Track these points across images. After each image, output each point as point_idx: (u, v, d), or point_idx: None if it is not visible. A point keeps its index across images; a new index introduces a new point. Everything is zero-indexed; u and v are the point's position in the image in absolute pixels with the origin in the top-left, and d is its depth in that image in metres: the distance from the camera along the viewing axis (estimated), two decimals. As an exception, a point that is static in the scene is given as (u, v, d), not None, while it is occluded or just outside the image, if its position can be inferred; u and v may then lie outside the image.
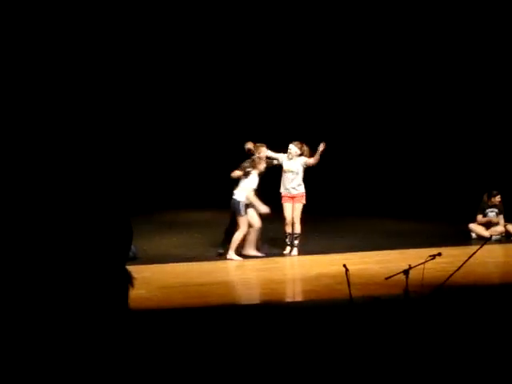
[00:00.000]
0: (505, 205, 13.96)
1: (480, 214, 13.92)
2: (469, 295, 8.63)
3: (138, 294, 5.18)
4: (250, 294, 8.65)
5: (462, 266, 8.41)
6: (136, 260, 10.80)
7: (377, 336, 6.58)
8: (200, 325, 7.01)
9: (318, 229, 13.99)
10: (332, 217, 15.79)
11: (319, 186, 17.36)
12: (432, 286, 8.16)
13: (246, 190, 11.45)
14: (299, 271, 10.31)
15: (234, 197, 11.46)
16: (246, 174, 11.43)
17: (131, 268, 8.93)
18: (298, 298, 8.86)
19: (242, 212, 11.34)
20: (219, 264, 10.89)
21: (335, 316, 7.47)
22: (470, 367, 5.75)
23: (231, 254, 11.27)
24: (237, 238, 11.32)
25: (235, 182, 11.68)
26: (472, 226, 13.82)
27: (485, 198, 13.97)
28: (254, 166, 11.44)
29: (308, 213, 12.24)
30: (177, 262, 11.06)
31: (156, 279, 9.51)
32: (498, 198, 13.89)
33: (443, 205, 16.37)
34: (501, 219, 13.86)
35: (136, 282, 4.67)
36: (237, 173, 11.55)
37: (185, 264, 10.91)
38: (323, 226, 14.55)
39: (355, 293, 7.63)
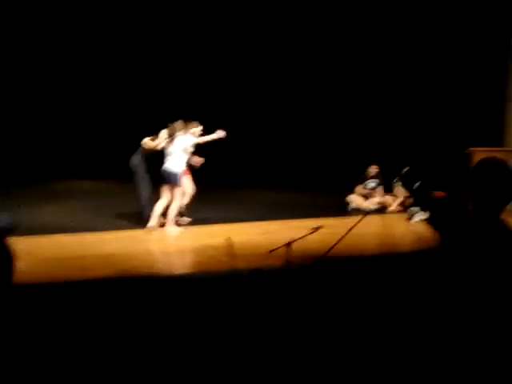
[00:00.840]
0: (384, 177, 14.30)
1: (359, 184, 14.26)
2: (348, 266, 8.78)
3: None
4: (134, 266, 8.53)
5: (342, 238, 8.63)
6: (12, 231, 10.56)
7: (261, 307, 6.64)
8: (79, 298, 6.90)
9: (203, 199, 14.00)
10: (215, 188, 15.80)
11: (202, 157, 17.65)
12: (314, 258, 8.35)
13: (182, 156, 11.27)
14: (183, 243, 10.25)
15: (168, 168, 11.15)
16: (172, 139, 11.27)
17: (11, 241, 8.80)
18: (182, 271, 8.82)
19: (180, 183, 11.20)
20: (103, 235, 10.71)
21: (220, 288, 7.49)
22: (351, 337, 5.89)
23: (171, 225, 11.11)
24: (173, 208, 11.16)
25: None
26: (351, 196, 14.13)
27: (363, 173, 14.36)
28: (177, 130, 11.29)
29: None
30: (59, 233, 10.75)
31: (34, 252, 9.19)
32: (375, 169, 14.28)
33: (324, 176, 16.68)
34: (379, 190, 14.23)
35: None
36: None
37: (67, 235, 10.61)
38: (207, 196, 14.55)
39: (239, 264, 7.74)
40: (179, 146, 11.19)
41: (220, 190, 15.82)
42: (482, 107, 15.37)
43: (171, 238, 10.69)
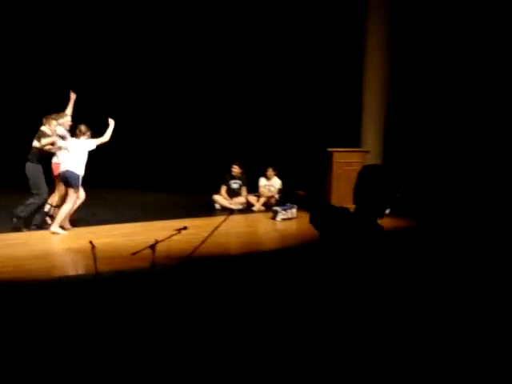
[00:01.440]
0: (248, 177, 14.41)
1: (224, 185, 14.31)
2: (213, 265, 8.82)
3: None
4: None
5: (206, 238, 8.59)
6: None
7: (123, 310, 6.55)
8: None
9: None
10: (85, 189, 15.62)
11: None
12: (178, 259, 8.32)
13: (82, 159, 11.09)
14: (44, 247, 9.96)
15: (68, 169, 10.93)
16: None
17: None
18: (43, 275, 8.56)
19: (78, 185, 11.02)
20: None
21: (81, 292, 7.34)
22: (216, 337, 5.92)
23: (56, 227, 10.77)
24: (65, 210, 10.89)
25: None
26: (216, 197, 14.17)
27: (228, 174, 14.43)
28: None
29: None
30: None
31: None
32: (237, 169, 14.34)
33: (188, 177, 16.69)
34: (243, 190, 14.33)
35: None
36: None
37: None
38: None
39: (102, 268, 7.58)
40: (82, 148, 11.06)
41: (90, 191, 15.61)
42: (341, 109, 15.69)
43: (39, 241, 10.36)
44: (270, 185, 14.41)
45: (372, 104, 14.71)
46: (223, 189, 14.32)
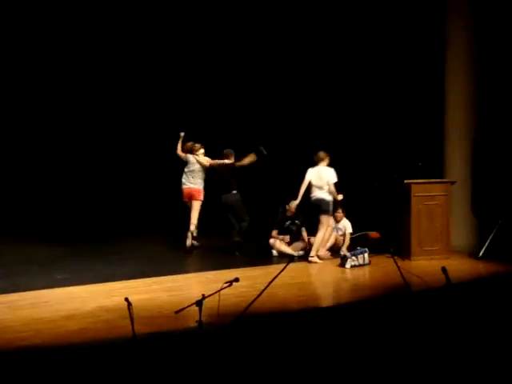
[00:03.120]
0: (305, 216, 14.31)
1: (276, 228, 14.18)
2: (270, 323, 8.76)
3: None
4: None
5: (263, 291, 8.56)
6: None
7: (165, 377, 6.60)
8: None
9: (87, 253, 13.92)
10: (104, 239, 16.03)
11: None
12: (230, 316, 8.28)
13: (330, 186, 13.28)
14: (71, 306, 9.99)
15: (321, 197, 13.33)
16: None
17: None
18: (70, 340, 8.57)
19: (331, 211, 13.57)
20: None
21: (116, 358, 7.34)
22: None
23: (314, 255, 13.33)
24: (320, 237, 13.35)
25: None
26: (272, 241, 14.07)
27: (280, 210, 14.28)
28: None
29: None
30: None
31: None
32: (292, 209, 14.17)
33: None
34: (303, 231, 14.22)
35: None
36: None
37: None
38: (90, 249, 14.48)
39: (140, 328, 7.61)
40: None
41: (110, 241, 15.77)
42: (419, 134, 15.80)
43: (66, 300, 10.40)
44: (338, 228, 14.30)
45: (457, 127, 14.49)
46: (275, 232, 14.20)
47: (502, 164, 14.17)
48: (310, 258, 13.24)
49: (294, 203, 14.00)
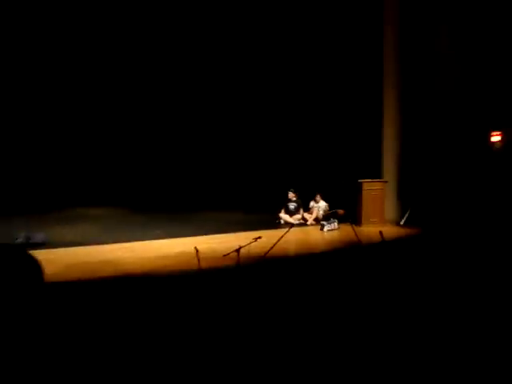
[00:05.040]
0: (303, 200, 14.40)
1: (284, 206, 14.31)
2: (279, 264, 8.84)
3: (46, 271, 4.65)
4: (128, 269, 8.42)
5: (275, 244, 8.71)
6: (45, 245, 10.42)
7: (221, 299, 6.48)
8: (92, 296, 6.76)
9: (175, 219, 13.96)
10: (179, 210, 15.76)
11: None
12: (255, 259, 8.41)
13: None
14: (164, 250, 10.12)
15: None
16: None
17: (41, 252, 8.68)
18: (165, 270, 8.68)
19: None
20: (107, 247, 10.57)
21: (187, 282, 7.45)
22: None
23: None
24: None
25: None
26: (281, 214, 14.21)
27: (288, 196, 14.37)
28: None
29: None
30: (75, 246, 10.55)
31: (58, 259, 9.08)
32: (292, 195, 14.29)
33: (253, 198, 16.46)
34: (300, 210, 14.33)
35: (44, 263, 4.29)
36: None
37: (81, 247, 10.42)
38: (177, 217, 14.54)
39: (203, 264, 7.74)
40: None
41: (182, 211, 15.73)
42: (364, 145, 15.09)
43: (155, 248, 10.55)
44: (318, 206, 14.40)
45: (389, 141, 14.31)
46: (283, 209, 14.33)
47: (420, 163, 13.90)
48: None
49: (293, 194, 14.27)
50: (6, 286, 3.05)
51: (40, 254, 3.47)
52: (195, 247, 7.47)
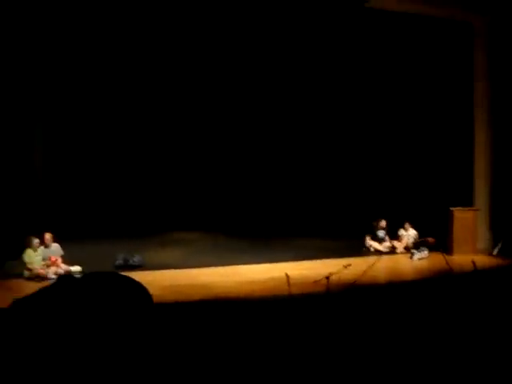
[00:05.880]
0: (390, 227, 14.30)
1: (371, 234, 14.21)
2: (369, 291, 8.86)
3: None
4: (221, 292, 8.69)
5: (365, 272, 8.75)
6: (142, 267, 10.93)
7: (311, 324, 6.52)
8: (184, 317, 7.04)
9: (261, 245, 14.20)
10: (267, 236, 15.84)
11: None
12: (345, 286, 8.46)
13: None
14: (253, 276, 10.34)
15: None
16: None
17: (139, 274, 9.10)
18: (254, 296, 8.88)
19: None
20: (203, 270, 10.92)
21: (281, 309, 7.54)
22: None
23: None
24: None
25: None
26: (370, 242, 14.03)
27: (375, 223, 14.29)
28: None
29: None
30: (171, 268, 10.97)
31: (155, 282, 9.51)
32: (383, 223, 14.20)
33: (338, 225, 16.17)
34: (387, 238, 14.18)
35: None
36: None
37: (175, 270, 10.83)
38: (267, 243, 14.69)
39: (294, 290, 7.87)
40: None
41: (269, 236, 15.72)
42: (454, 170, 14.70)
43: (244, 273, 10.79)
44: (408, 234, 14.23)
45: (481, 166, 14.00)
46: (371, 235, 14.23)
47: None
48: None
49: (383, 222, 14.19)
50: (121, 314, 3.14)
51: (137, 276, 3.71)
52: (286, 273, 7.64)
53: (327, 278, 7.72)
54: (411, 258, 12.81)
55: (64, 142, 14.70)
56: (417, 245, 13.67)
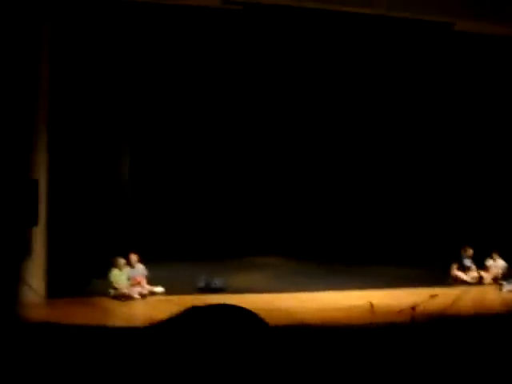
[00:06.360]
0: (478, 256, 13.74)
1: (457, 262, 13.73)
2: (456, 323, 8.56)
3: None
4: (304, 318, 8.64)
5: (452, 303, 8.49)
6: (224, 291, 11.02)
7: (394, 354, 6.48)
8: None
9: (344, 272, 13.98)
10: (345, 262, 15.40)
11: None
12: (431, 317, 8.24)
13: None
14: (333, 302, 10.19)
15: None
16: None
17: (221, 297, 9.16)
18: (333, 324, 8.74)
19: None
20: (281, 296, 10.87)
21: (365, 338, 7.43)
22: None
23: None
24: None
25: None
26: (456, 272, 13.53)
27: (462, 251, 13.82)
28: None
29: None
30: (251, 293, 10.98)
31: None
32: (470, 252, 13.72)
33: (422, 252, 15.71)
34: (473, 267, 13.67)
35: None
36: None
37: (255, 295, 10.80)
38: (347, 270, 14.44)
39: (378, 319, 7.74)
40: None
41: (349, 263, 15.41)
42: None
43: (323, 298, 10.64)
44: (496, 265, 13.66)
45: None
46: (457, 265, 13.70)
47: None
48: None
49: (470, 250, 13.66)
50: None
51: (220, 299, 3.74)
52: (370, 302, 7.53)
53: (413, 308, 7.56)
54: (501, 289, 12.32)
55: (150, 165, 15.07)
56: (506, 276, 13.13)
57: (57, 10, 10.64)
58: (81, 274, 11.18)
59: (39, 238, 10.42)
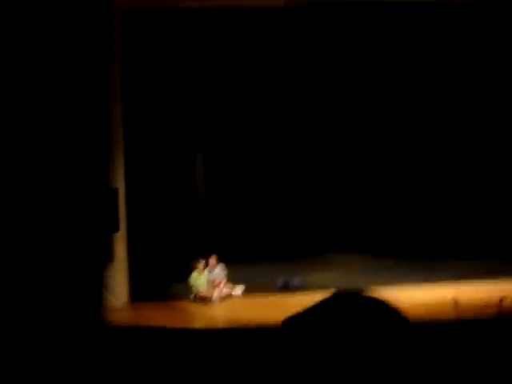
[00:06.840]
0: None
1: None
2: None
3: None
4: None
5: None
6: (303, 289, 10.95)
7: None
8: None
9: (421, 266, 13.58)
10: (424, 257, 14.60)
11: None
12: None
13: None
14: (417, 298, 9.90)
15: None
16: None
17: (298, 296, 9.07)
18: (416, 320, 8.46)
19: None
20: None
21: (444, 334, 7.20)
22: None
23: None
24: None
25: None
26: None
27: None
28: None
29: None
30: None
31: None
32: None
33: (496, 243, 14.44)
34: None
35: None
36: None
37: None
38: (424, 264, 14.00)
39: (463, 314, 7.50)
40: None
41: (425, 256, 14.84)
42: None
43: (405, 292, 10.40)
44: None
45: None
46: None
47: None
48: None
49: None
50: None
51: (299, 299, 3.70)
52: (454, 296, 7.32)
53: (500, 301, 7.29)
54: None
55: (225, 166, 15.16)
56: None
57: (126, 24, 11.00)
58: (161, 279, 11.42)
59: (120, 244, 10.76)
